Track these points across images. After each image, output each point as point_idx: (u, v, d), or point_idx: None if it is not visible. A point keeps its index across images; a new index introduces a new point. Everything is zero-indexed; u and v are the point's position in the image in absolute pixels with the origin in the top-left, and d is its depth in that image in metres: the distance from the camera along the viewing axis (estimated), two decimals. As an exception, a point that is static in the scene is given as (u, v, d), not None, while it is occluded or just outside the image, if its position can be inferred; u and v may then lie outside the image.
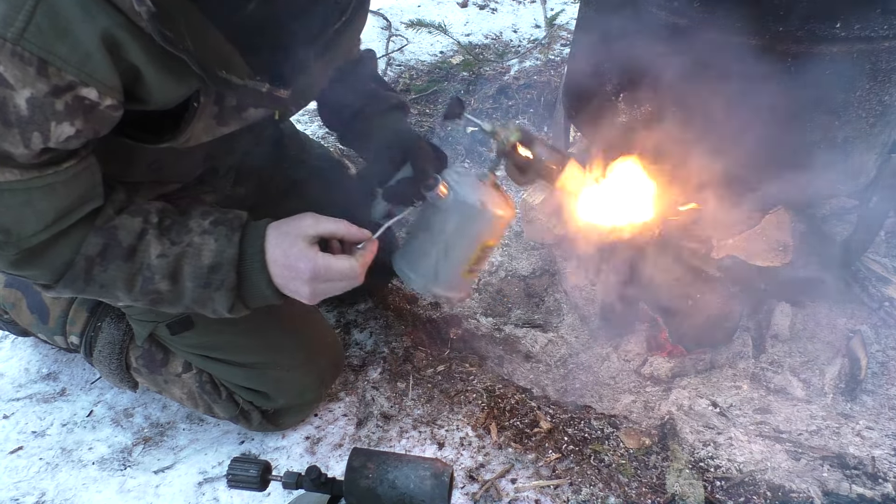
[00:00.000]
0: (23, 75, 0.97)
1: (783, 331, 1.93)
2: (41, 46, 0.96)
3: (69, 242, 1.19)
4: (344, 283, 1.30)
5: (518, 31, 3.37)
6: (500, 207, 1.47)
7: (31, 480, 1.60)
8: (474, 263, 1.51)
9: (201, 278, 1.25)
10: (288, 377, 1.62)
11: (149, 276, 1.24)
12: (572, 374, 1.87)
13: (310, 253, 1.26)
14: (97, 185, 1.19)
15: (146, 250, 1.22)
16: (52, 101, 1.00)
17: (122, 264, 1.22)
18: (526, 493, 1.55)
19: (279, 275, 1.27)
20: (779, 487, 1.56)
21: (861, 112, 1.55)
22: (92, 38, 0.98)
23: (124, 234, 1.21)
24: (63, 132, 1.04)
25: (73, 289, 1.25)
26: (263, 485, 1.21)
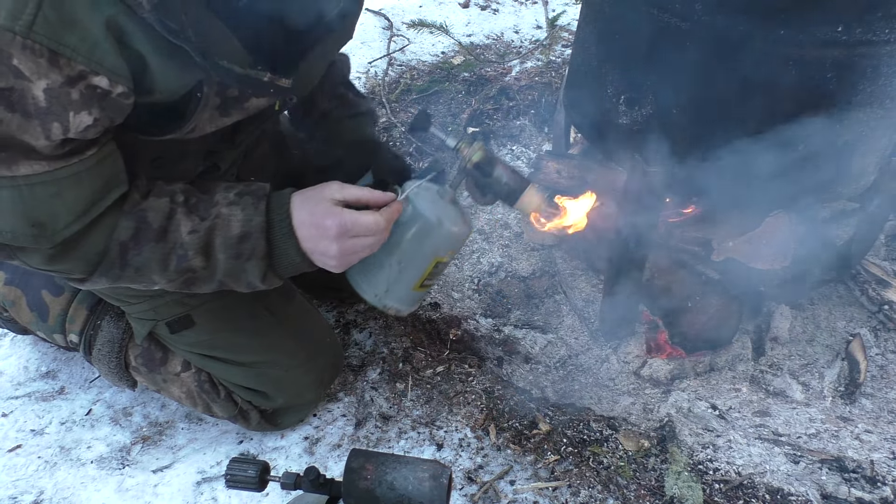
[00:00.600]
0: (36, 67, 0.98)
1: (783, 333, 1.93)
2: (50, 37, 0.97)
3: (101, 230, 1.20)
4: (371, 240, 1.31)
5: (519, 32, 3.37)
6: (457, 224, 1.51)
7: (30, 479, 1.60)
8: (427, 278, 1.55)
9: (232, 248, 1.26)
10: (287, 377, 1.62)
11: (182, 254, 1.25)
12: (571, 375, 1.87)
13: (335, 209, 1.27)
14: (121, 170, 1.20)
15: (177, 229, 1.24)
16: (68, 90, 1.01)
17: (155, 245, 1.23)
18: (525, 495, 1.55)
19: (307, 236, 1.28)
20: (777, 490, 1.56)
21: (862, 116, 1.55)
22: (98, 26, 0.99)
23: (153, 215, 1.22)
24: (82, 122, 1.05)
25: (109, 277, 1.25)
26: (262, 485, 1.21)
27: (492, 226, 2.36)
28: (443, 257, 1.55)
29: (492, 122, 2.79)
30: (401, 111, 2.81)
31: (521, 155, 2.67)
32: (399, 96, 2.89)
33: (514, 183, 1.48)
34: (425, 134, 1.50)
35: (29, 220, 1.12)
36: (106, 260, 1.22)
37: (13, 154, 1.06)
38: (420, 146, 2.61)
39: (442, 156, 2.59)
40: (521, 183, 1.49)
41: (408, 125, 1.55)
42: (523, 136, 2.75)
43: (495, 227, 2.36)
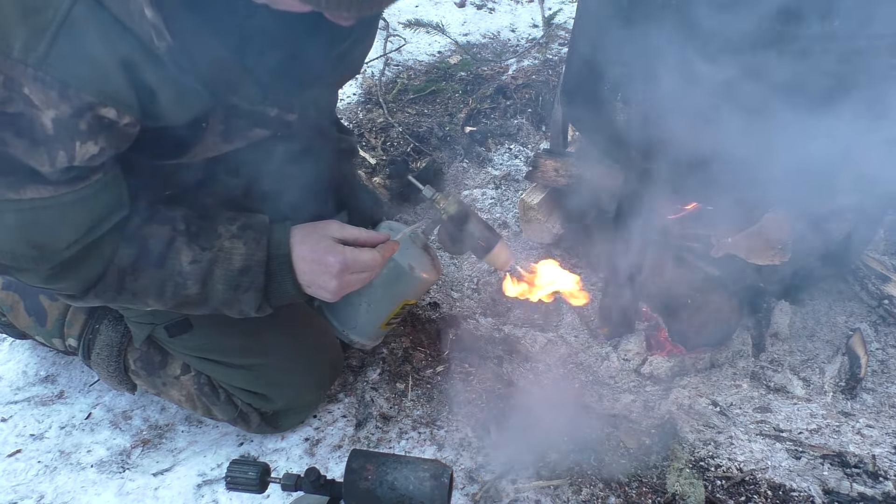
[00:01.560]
0: (46, 98, 1.00)
1: (783, 329, 1.93)
2: (62, 70, 0.98)
3: (101, 254, 1.21)
4: (366, 275, 1.40)
5: (516, 31, 3.37)
6: (427, 271, 1.64)
7: (30, 483, 1.60)
8: (393, 317, 1.69)
9: (232, 281, 1.30)
10: (287, 379, 1.62)
11: (181, 282, 1.27)
12: (572, 373, 1.87)
13: (338, 247, 1.34)
14: (123, 193, 1.21)
15: (177, 257, 1.26)
16: (77, 121, 1.03)
17: (154, 272, 1.25)
18: (526, 494, 1.55)
19: (306, 271, 1.33)
20: (779, 486, 1.56)
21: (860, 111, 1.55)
22: (112, 62, 1.01)
23: (154, 242, 1.25)
24: (87, 151, 1.06)
25: (104, 298, 1.28)
26: (262, 487, 1.21)
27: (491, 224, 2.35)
28: (411, 300, 1.69)
29: (489, 120, 2.79)
30: (398, 111, 2.81)
31: (518, 153, 2.67)
32: (396, 96, 2.88)
33: (485, 239, 1.56)
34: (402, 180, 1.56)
35: (30, 242, 1.14)
36: (102, 283, 1.24)
37: (20, 178, 1.07)
38: (418, 146, 2.60)
39: (439, 155, 2.59)
40: (493, 239, 1.57)
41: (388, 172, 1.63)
42: (521, 134, 2.75)
43: (494, 225, 2.35)
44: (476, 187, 2.52)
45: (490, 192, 2.49)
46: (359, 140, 2.65)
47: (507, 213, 2.41)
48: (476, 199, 2.46)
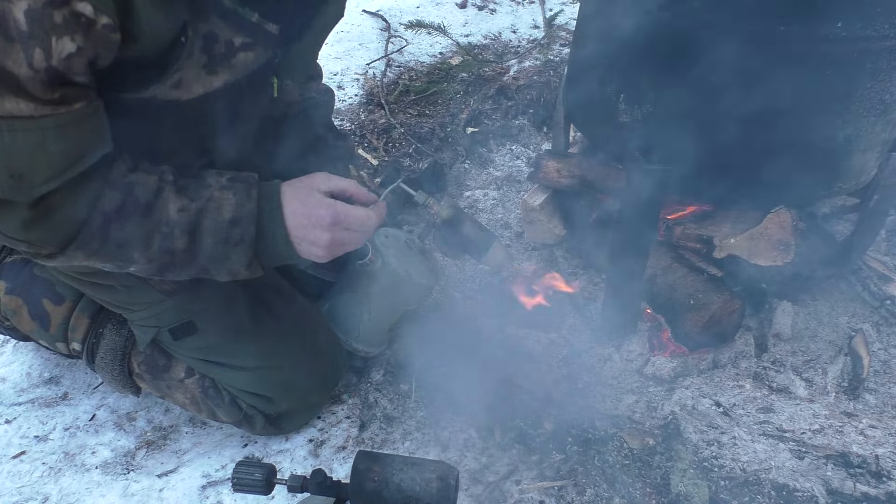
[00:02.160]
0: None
1: (785, 330, 1.93)
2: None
3: (85, 197, 1.16)
4: (359, 234, 1.35)
5: (517, 32, 3.37)
6: (425, 276, 1.66)
7: (34, 485, 1.60)
8: (394, 323, 1.64)
9: (221, 233, 1.25)
10: (291, 381, 1.62)
11: (167, 233, 1.22)
12: (575, 374, 1.87)
13: (328, 200, 1.30)
14: (105, 129, 1.16)
15: (165, 206, 1.21)
16: (51, 12, 0.98)
17: (141, 220, 1.20)
18: (530, 495, 1.55)
19: (297, 225, 1.29)
20: (783, 487, 1.56)
21: (862, 111, 1.55)
22: None
23: (141, 189, 1.20)
24: (65, 48, 1.01)
25: (86, 251, 1.20)
26: (269, 488, 1.21)
27: (492, 226, 2.36)
28: (411, 305, 1.74)
29: (490, 121, 2.80)
30: (399, 112, 2.81)
31: (520, 154, 2.67)
32: (398, 97, 2.89)
33: (480, 240, 1.59)
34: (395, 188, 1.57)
35: (8, 169, 1.07)
36: (86, 230, 1.17)
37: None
38: (419, 147, 2.61)
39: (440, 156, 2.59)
40: (488, 240, 1.60)
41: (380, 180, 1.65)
42: (522, 135, 2.75)
43: (496, 227, 2.36)
44: (478, 188, 2.53)
45: (492, 192, 2.50)
46: (360, 141, 2.65)
47: (508, 214, 2.41)
48: (478, 199, 2.47)
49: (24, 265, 1.67)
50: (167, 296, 1.51)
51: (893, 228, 2.25)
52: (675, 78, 1.56)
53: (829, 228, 2.14)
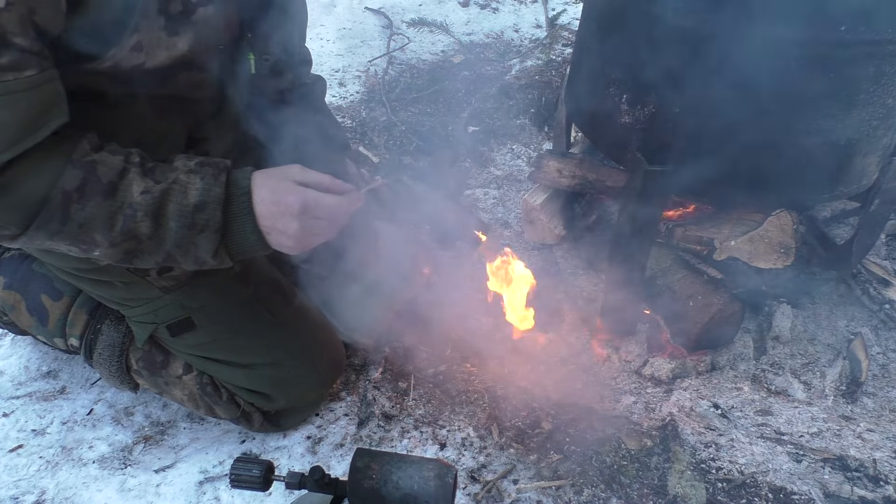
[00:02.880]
0: None
1: (784, 332, 1.93)
2: None
3: (45, 174, 1.11)
4: (330, 224, 1.29)
5: (519, 31, 3.37)
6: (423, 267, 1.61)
7: (32, 479, 1.60)
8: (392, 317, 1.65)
9: (186, 217, 1.20)
10: (289, 378, 1.62)
11: (130, 214, 1.17)
12: (573, 374, 1.87)
13: (298, 188, 1.24)
14: (61, 99, 1.12)
15: (128, 188, 1.16)
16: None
17: (102, 202, 1.15)
18: (528, 494, 1.55)
19: (266, 213, 1.23)
20: (780, 489, 1.56)
21: (864, 115, 1.55)
22: None
23: (104, 169, 1.15)
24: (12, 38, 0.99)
25: (48, 231, 1.15)
26: (266, 485, 1.21)
27: (493, 225, 2.35)
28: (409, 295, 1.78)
29: (492, 120, 2.79)
30: (401, 110, 2.81)
31: (521, 154, 2.67)
32: (399, 95, 2.88)
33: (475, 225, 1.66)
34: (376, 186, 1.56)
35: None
36: (46, 210, 1.13)
37: None
38: (420, 145, 2.61)
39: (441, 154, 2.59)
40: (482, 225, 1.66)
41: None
42: (523, 134, 2.75)
43: (496, 226, 2.36)
44: (478, 187, 2.52)
45: (492, 191, 2.50)
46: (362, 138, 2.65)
47: (509, 214, 2.41)
48: (478, 198, 2.47)
49: (23, 260, 1.67)
50: (165, 292, 1.51)
51: (894, 233, 2.25)
52: (677, 79, 1.55)
53: (830, 232, 2.14)
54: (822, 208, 2.18)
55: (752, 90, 1.49)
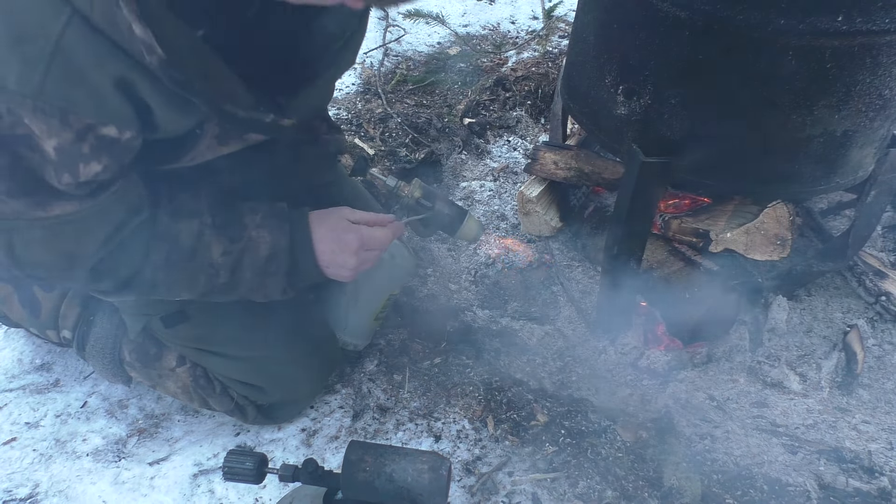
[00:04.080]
0: (48, 128, 1.02)
1: (780, 324, 1.93)
2: (60, 97, 1.00)
3: (132, 254, 1.26)
4: (379, 252, 1.49)
5: (516, 23, 3.35)
6: (406, 259, 1.71)
7: (25, 472, 1.59)
8: (380, 311, 1.68)
9: (259, 268, 1.37)
10: (283, 371, 1.61)
11: (212, 273, 1.34)
12: (569, 367, 1.87)
13: (354, 226, 1.43)
14: (143, 196, 1.25)
15: (207, 250, 1.32)
16: (79, 146, 1.06)
17: (187, 265, 1.31)
18: (523, 486, 1.55)
19: (326, 251, 1.40)
20: (775, 481, 1.56)
21: (861, 106, 1.54)
22: (106, 82, 1.02)
23: (185, 237, 1.29)
24: (91, 170, 1.10)
25: (139, 292, 1.34)
26: (260, 478, 1.21)
27: (489, 217, 2.35)
28: (395, 291, 1.75)
29: (488, 112, 2.78)
30: (396, 102, 2.80)
31: (517, 146, 2.66)
32: (395, 87, 2.87)
33: (454, 213, 1.63)
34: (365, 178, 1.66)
35: (59, 252, 1.20)
36: (138, 279, 1.29)
37: (45, 196, 1.11)
38: (416, 137, 2.60)
39: (437, 146, 2.58)
40: (461, 213, 1.64)
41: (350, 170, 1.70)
42: (520, 126, 2.74)
43: (492, 218, 2.35)
44: (474, 179, 2.52)
45: (488, 184, 2.49)
46: (357, 130, 2.64)
47: (505, 206, 2.40)
48: (474, 191, 2.46)
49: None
50: None
51: (890, 225, 2.25)
52: (672, 70, 1.55)
53: (826, 224, 2.14)
54: (818, 200, 2.17)
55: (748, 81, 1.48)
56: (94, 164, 1.09)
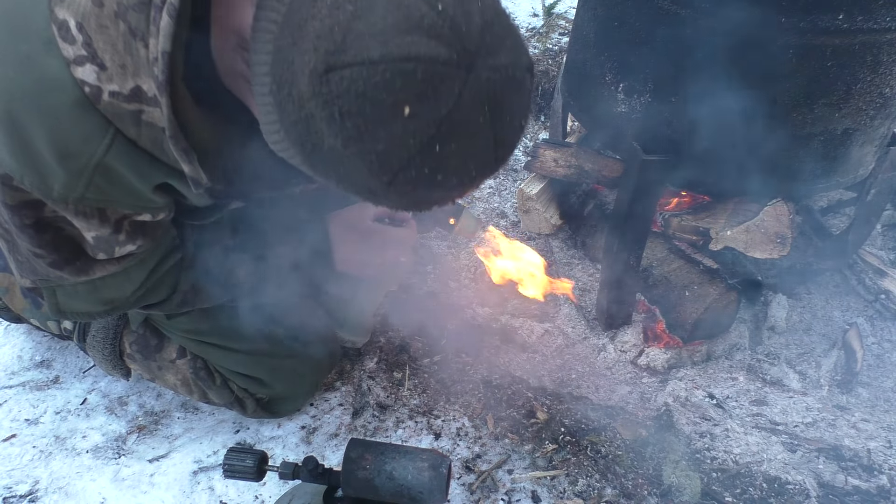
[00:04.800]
0: (87, 225, 1.09)
1: (780, 322, 1.93)
2: (100, 200, 1.06)
3: (165, 286, 1.33)
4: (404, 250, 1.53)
5: (515, 21, 3.34)
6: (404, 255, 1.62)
7: (25, 468, 1.59)
8: (378, 308, 1.64)
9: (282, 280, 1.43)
10: (284, 365, 1.61)
11: (238, 290, 1.41)
12: (569, 364, 1.87)
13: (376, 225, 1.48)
14: (175, 238, 1.30)
15: (232, 271, 1.38)
16: (116, 235, 1.13)
17: (212, 287, 1.38)
18: (522, 484, 1.55)
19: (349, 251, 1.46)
20: (775, 479, 1.56)
21: (861, 104, 1.55)
22: (146, 188, 1.08)
23: (210, 262, 1.35)
24: (126, 249, 1.17)
25: (166, 311, 1.43)
26: (260, 475, 1.21)
27: (488, 215, 2.35)
28: (392, 287, 1.76)
29: (488, 110, 2.78)
30: (396, 99, 2.79)
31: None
32: (395, 84, 2.87)
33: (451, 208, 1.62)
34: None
35: (102, 301, 1.27)
36: (167, 303, 1.36)
37: (87, 263, 1.18)
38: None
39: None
40: (458, 208, 1.63)
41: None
42: (520, 124, 2.74)
43: (492, 216, 2.35)
44: (474, 177, 2.51)
45: (488, 181, 2.49)
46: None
47: (505, 203, 2.40)
48: (474, 188, 2.45)
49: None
50: None
51: (889, 223, 2.25)
52: (673, 67, 1.55)
53: (826, 222, 2.14)
54: (818, 198, 2.17)
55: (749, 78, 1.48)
56: (129, 246, 1.17)
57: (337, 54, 0.75)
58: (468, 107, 0.79)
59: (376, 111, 0.76)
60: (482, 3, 0.80)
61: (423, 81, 0.76)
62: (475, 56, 0.78)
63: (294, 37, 0.78)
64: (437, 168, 0.82)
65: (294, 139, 0.84)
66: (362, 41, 0.75)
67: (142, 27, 0.93)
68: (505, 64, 0.81)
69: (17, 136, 0.98)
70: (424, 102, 0.77)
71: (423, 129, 0.78)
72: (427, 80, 0.76)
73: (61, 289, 1.24)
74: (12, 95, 0.96)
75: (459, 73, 0.77)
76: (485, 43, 0.79)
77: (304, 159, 0.87)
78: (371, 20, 0.75)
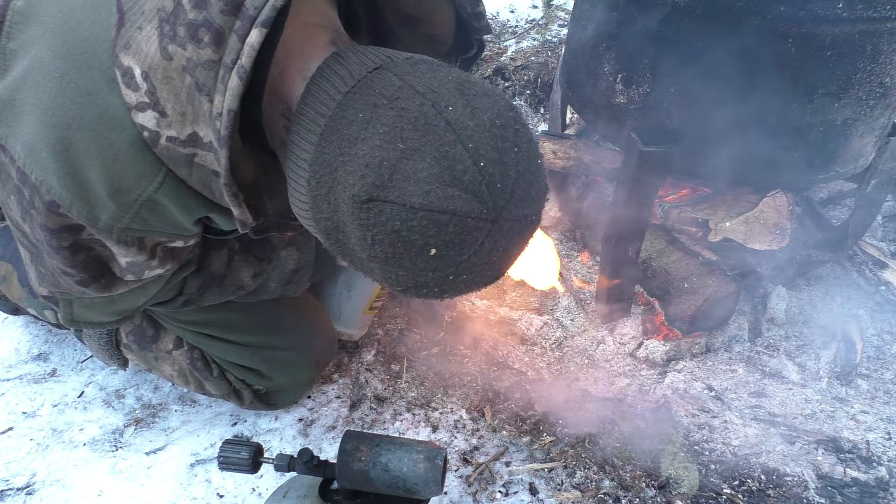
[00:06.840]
0: (126, 251, 1.12)
1: (779, 314, 1.93)
2: (142, 230, 1.09)
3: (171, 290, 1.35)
4: None
5: (515, 12, 3.34)
6: None
7: (22, 461, 1.59)
8: (375, 300, 1.67)
9: (285, 280, 1.48)
10: (281, 357, 1.61)
11: (241, 292, 1.44)
12: (567, 357, 1.87)
13: None
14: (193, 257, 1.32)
15: (237, 273, 1.41)
16: (149, 262, 1.16)
17: (217, 289, 1.40)
18: (520, 476, 1.55)
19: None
20: (773, 471, 1.56)
21: (861, 94, 1.53)
22: (187, 221, 1.11)
23: (216, 266, 1.38)
24: (155, 273, 1.20)
25: (169, 309, 1.46)
26: (255, 467, 1.21)
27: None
28: None
29: (487, 102, 2.77)
30: (395, 91, 2.78)
31: (516, 135, 2.65)
32: (393, 76, 2.85)
33: None
34: None
35: (115, 312, 1.30)
36: (171, 302, 1.39)
37: (111, 280, 1.20)
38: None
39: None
40: None
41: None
42: (519, 116, 2.73)
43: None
44: (473, 169, 2.50)
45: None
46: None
47: (504, 196, 2.39)
48: (473, 180, 2.45)
49: (16, 232, 1.67)
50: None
51: (890, 214, 2.24)
52: (672, 58, 1.54)
53: (826, 213, 2.13)
54: (818, 189, 2.16)
55: (748, 68, 1.47)
56: (159, 270, 1.20)
57: (381, 189, 0.83)
58: (486, 252, 0.88)
59: (406, 248, 0.85)
60: (518, 152, 0.87)
61: (453, 233, 0.84)
62: (503, 209, 0.86)
63: (342, 150, 0.86)
64: (444, 291, 0.93)
65: (321, 227, 0.94)
66: (407, 185, 0.82)
67: (209, 84, 0.94)
68: (526, 213, 0.89)
69: (70, 165, 0.99)
70: (450, 248, 0.85)
71: (443, 267, 0.87)
72: (457, 233, 0.84)
73: (79, 301, 1.26)
74: (69, 126, 0.97)
75: (486, 224, 0.85)
76: (514, 196, 0.86)
77: (324, 239, 0.96)
78: (418, 165, 0.82)
